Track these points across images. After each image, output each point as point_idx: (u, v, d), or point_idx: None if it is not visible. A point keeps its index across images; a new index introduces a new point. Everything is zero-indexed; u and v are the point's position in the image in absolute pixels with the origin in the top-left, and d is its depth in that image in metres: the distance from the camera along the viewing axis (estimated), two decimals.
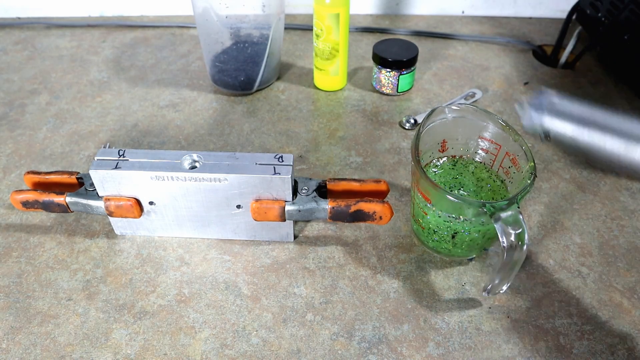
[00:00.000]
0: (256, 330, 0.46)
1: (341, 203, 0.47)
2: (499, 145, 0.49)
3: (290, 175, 0.46)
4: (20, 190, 0.50)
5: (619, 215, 0.56)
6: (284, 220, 0.48)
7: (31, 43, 0.85)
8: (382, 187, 0.50)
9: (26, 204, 0.50)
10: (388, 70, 0.69)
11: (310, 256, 0.52)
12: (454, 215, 0.45)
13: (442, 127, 0.50)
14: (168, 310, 0.47)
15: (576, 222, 0.55)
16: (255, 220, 0.49)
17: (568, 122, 0.42)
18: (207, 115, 0.70)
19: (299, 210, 0.48)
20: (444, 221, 0.46)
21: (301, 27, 0.88)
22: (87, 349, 0.44)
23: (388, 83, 0.71)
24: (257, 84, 0.72)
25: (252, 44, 0.70)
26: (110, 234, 0.54)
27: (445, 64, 0.80)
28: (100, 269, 0.51)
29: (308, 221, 0.55)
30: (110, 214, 0.49)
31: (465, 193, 0.49)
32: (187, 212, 0.50)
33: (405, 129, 0.67)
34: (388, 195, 0.57)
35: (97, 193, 0.49)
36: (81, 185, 0.52)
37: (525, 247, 0.39)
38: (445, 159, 0.52)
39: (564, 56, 0.79)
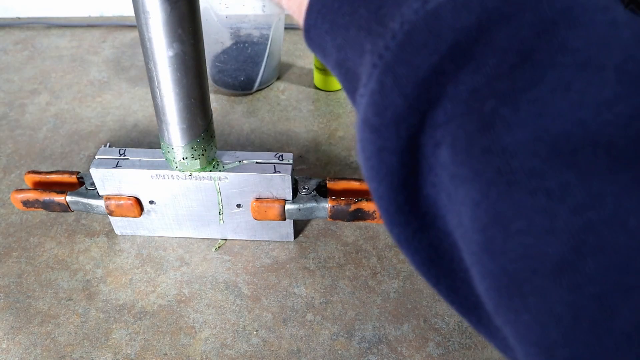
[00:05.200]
0: (256, 330, 0.46)
1: (341, 202, 0.47)
2: None
3: (290, 174, 0.46)
4: (20, 190, 0.50)
5: None
6: (284, 219, 0.48)
7: (31, 43, 0.85)
8: None
9: (27, 203, 0.50)
10: None
11: (310, 256, 0.52)
12: None
13: None
14: (168, 310, 0.47)
15: None
16: (255, 219, 0.49)
17: None
18: None
19: (299, 209, 0.48)
20: None
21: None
22: (87, 349, 0.44)
23: None
24: (257, 84, 0.72)
25: (252, 44, 0.70)
26: (110, 233, 0.54)
27: None
28: (100, 269, 0.50)
29: (308, 220, 0.55)
30: (111, 213, 0.49)
31: None
32: (187, 211, 0.50)
33: None
34: None
35: (97, 192, 0.49)
36: (82, 184, 0.52)
37: None
38: None
39: None
